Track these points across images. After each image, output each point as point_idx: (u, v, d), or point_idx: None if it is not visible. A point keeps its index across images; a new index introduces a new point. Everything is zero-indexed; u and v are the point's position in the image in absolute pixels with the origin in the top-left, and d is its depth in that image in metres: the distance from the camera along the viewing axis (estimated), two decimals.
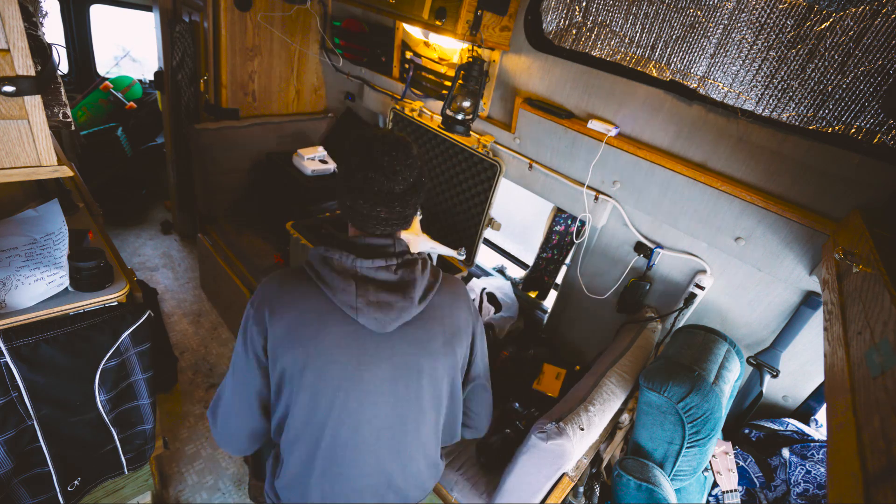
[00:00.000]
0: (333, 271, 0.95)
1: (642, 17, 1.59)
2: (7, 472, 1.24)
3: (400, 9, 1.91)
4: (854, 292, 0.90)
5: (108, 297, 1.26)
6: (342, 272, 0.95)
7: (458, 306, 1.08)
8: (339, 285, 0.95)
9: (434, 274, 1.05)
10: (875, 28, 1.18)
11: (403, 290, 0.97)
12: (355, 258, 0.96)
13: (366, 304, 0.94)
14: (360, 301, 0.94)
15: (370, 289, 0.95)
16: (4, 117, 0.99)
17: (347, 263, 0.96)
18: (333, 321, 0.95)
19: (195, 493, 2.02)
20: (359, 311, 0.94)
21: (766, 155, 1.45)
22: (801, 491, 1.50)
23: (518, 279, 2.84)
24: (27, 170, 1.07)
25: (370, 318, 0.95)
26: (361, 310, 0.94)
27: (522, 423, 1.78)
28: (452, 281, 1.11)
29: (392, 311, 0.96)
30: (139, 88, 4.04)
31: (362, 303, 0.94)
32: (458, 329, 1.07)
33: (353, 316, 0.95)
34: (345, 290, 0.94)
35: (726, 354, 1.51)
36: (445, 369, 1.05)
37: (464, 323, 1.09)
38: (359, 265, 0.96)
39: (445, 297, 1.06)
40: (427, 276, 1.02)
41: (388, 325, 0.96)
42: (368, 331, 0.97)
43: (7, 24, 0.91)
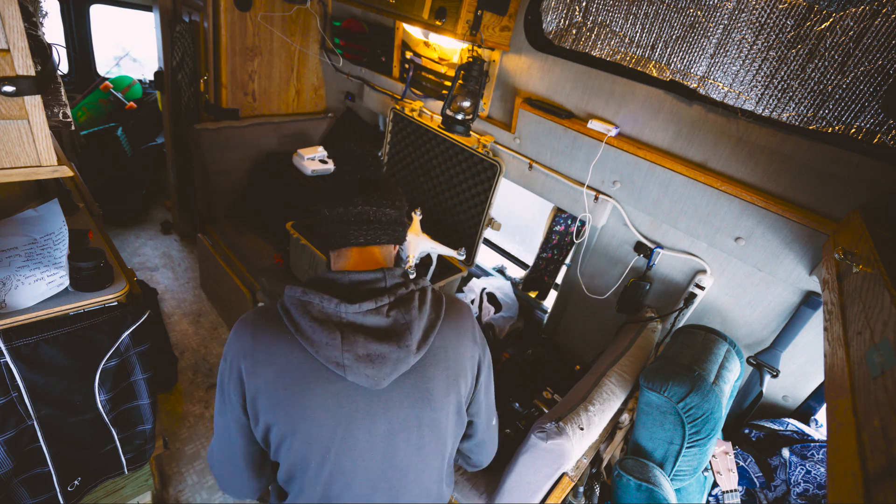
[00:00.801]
0: (314, 321, 0.81)
1: (642, 17, 1.59)
2: (7, 472, 1.24)
3: (400, 9, 1.91)
4: (854, 292, 0.90)
5: (108, 297, 1.26)
6: (324, 321, 0.81)
7: (462, 343, 0.94)
8: (322, 339, 0.80)
9: (436, 308, 0.91)
10: (875, 28, 1.18)
11: (398, 339, 0.83)
12: (339, 302, 0.82)
13: (354, 359, 0.81)
14: (346, 357, 0.80)
15: (359, 339, 0.81)
16: (4, 117, 0.99)
17: (330, 309, 0.82)
18: (317, 381, 0.82)
19: (195, 493, 2.02)
20: (346, 368, 0.81)
21: (766, 155, 1.45)
22: (801, 491, 1.50)
23: (518, 279, 2.84)
24: (27, 170, 1.07)
25: (360, 375, 0.81)
26: (350, 367, 0.81)
27: (522, 423, 1.78)
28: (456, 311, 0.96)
29: (385, 365, 0.82)
30: (139, 88, 4.04)
31: (350, 358, 0.80)
32: (462, 369, 0.94)
33: (339, 373, 0.81)
34: (329, 344, 0.80)
35: (726, 354, 1.51)
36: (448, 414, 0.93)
37: (468, 360, 0.96)
38: (343, 311, 0.82)
39: (448, 334, 0.92)
40: (426, 314, 0.88)
41: (382, 381, 0.83)
42: (359, 387, 0.84)
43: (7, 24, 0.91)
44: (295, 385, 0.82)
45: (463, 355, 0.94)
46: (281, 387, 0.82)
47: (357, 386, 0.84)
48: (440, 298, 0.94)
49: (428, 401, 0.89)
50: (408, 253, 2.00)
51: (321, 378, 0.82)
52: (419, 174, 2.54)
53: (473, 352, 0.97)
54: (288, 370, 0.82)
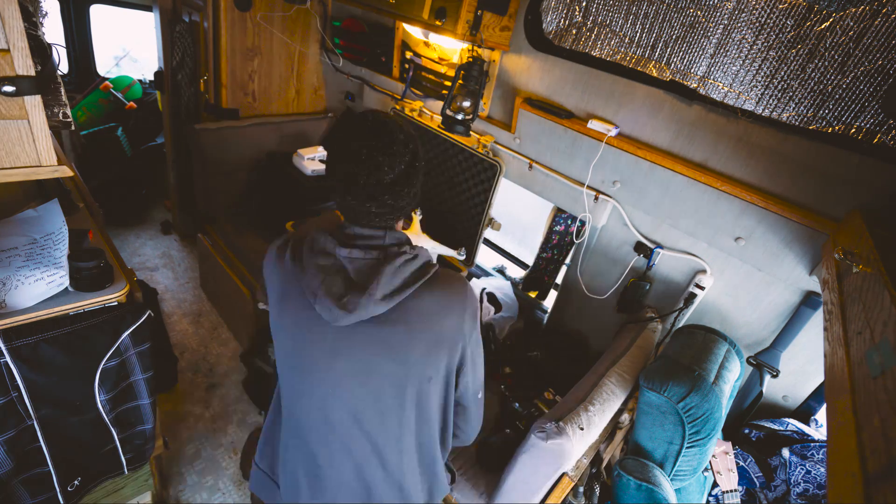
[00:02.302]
0: (312, 252, 0.94)
1: (642, 17, 1.59)
2: (7, 472, 1.24)
3: (400, 9, 1.91)
4: (854, 292, 0.90)
5: (108, 297, 1.26)
6: (319, 254, 0.93)
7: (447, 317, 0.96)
8: (311, 269, 0.92)
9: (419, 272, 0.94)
10: (875, 28, 1.18)
11: (364, 287, 0.90)
12: (336, 243, 0.92)
13: (325, 294, 0.90)
14: (321, 289, 0.90)
15: (336, 279, 0.91)
16: (4, 117, 0.99)
17: (328, 246, 0.93)
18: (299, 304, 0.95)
19: (195, 493, 2.02)
20: (317, 298, 0.90)
21: (766, 155, 1.45)
22: (801, 491, 1.50)
23: (518, 279, 2.84)
24: (27, 170, 1.07)
25: (325, 307, 0.90)
26: (320, 298, 0.90)
27: (522, 423, 1.78)
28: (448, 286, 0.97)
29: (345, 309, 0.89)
30: (139, 88, 4.04)
31: (322, 292, 0.90)
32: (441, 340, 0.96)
33: (311, 301, 0.91)
34: (314, 274, 0.91)
35: (726, 354, 1.51)
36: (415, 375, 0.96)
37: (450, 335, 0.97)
38: (337, 252, 0.92)
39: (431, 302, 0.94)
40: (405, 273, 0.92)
41: (340, 319, 0.89)
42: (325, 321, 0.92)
43: (7, 24, 0.91)
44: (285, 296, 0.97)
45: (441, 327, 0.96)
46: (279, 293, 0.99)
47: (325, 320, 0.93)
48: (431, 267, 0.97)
49: (390, 356, 0.94)
50: None
51: (301, 301, 0.94)
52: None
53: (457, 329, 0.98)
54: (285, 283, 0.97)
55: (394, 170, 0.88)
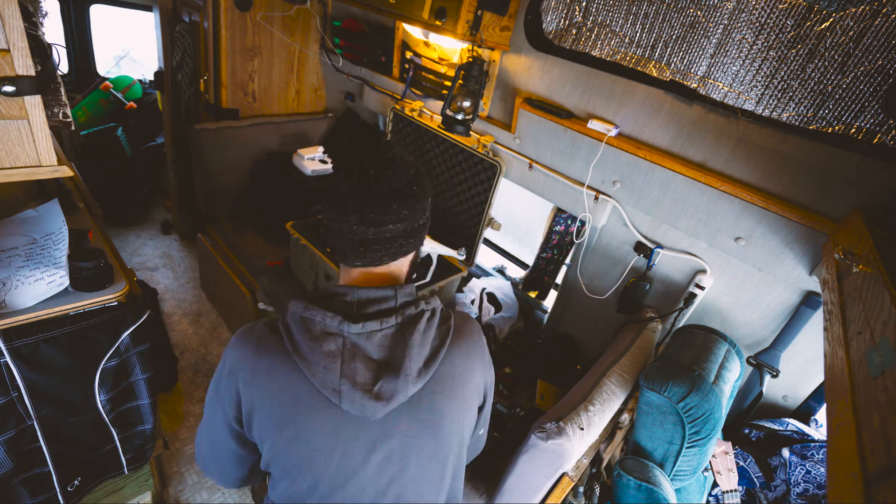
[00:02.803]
0: (314, 340, 0.77)
1: (642, 17, 1.59)
2: (7, 472, 1.24)
3: (400, 9, 1.91)
4: (854, 292, 0.90)
5: (108, 297, 1.26)
6: (323, 340, 0.77)
7: (471, 367, 0.89)
8: (319, 362, 0.76)
9: (441, 332, 0.85)
10: (875, 28, 1.18)
11: (398, 367, 0.78)
12: (342, 321, 0.77)
13: (351, 386, 0.76)
14: (344, 384, 0.76)
15: (358, 365, 0.77)
16: (4, 117, 0.99)
17: (332, 327, 0.77)
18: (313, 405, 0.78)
19: (195, 493, 2.02)
20: (343, 395, 0.76)
21: (766, 155, 1.45)
22: (801, 491, 1.50)
23: (518, 279, 2.84)
24: (27, 170, 1.07)
25: (356, 404, 0.76)
26: (346, 394, 0.76)
27: (510, 425, 1.78)
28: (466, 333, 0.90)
29: (382, 399, 0.77)
30: (139, 88, 4.04)
31: (347, 386, 0.76)
32: (470, 394, 0.89)
33: (335, 400, 0.76)
34: (326, 367, 0.76)
35: (726, 354, 1.51)
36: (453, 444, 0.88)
37: (476, 386, 0.90)
38: (346, 330, 0.77)
39: (456, 359, 0.86)
40: (430, 340, 0.82)
41: (378, 412, 0.77)
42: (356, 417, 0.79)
43: (7, 24, 0.91)
44: (291, 407, 0.78)
45: (471, 380, 0.89)
46: (278, 406, 0.78)
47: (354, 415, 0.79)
48: (448, 319, 0.88)
49: (432, 431, 0.84)
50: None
51: (318, 402, 0.78)
52: None
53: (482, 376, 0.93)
54: (286, 390, 0.78)
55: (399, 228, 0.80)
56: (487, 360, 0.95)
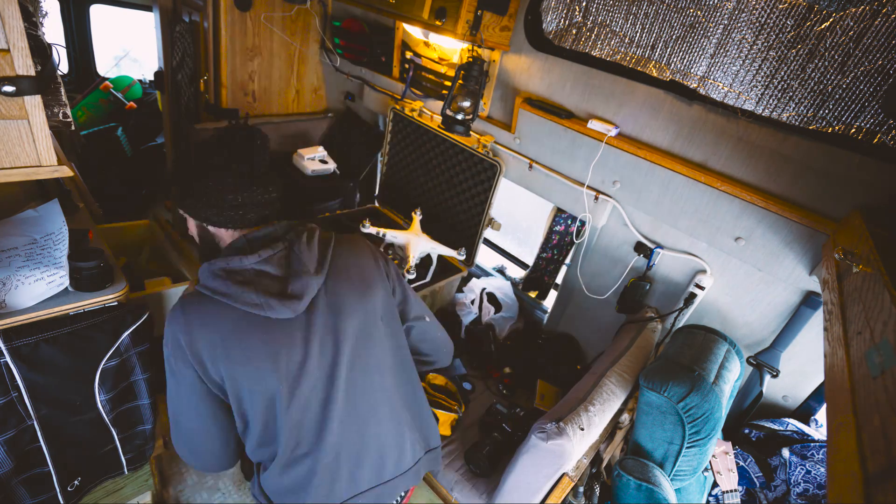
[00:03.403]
0: (227, 278, 0.94)
1: (642, 17, 1.59)
2: (7, 472, 1.24)
3: (400, 9, 1.91)
4: (854, 292, 0.90)
5: (108, 297, 1.26)
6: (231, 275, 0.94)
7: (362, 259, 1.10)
8: (235, 290, 0.92)
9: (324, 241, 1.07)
10: (875, 28, 1.18)
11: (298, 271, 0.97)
12: (241, 257, 0.95)
13: (267, 297, 0.93)
14: (261, 296, 0.92)
15: (266, 281, 0.95)
16: (4, 117, 0.99)
17: (234, 264, 0.95)
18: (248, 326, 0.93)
19: (195, 493, 2.02)
20: (265, 306, 0.92)
21: (766, 155, 1.45)
22: (801, 491, 1.50)
23: (518, 279, 2.84)
24: (27, 170, 1.07)
25: (279, 309, 0.93)
26: (266, 304, 0.93)
27: (509, 425, 1.78)
28: (348, 240, 1.13)
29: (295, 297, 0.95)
30: (139, 88, 4.04)
31: (263, 298, 0.93)
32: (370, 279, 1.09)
33: (260, 313, 0.93)
34: (242, 292, 0.92)
35: (726, 354, 1.51)
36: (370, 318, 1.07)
37: (373, 273, 1.11)
38: (247, 263, 0.95)
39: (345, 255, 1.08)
40: (315, 245, 1.03)
41: (299, 306, 0.95)
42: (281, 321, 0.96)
43: (7, 24, 0.91)
44: (230, 335, 0.92)
45: (366, 268, 1.10)
46: (219, 342, 0.92)
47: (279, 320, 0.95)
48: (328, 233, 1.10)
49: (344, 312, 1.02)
50: (408, 253, 2.00)
51: (248, 321, 0.93)
52: (419, 174, 2.53)
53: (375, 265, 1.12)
54: (220, 326, 0.92)
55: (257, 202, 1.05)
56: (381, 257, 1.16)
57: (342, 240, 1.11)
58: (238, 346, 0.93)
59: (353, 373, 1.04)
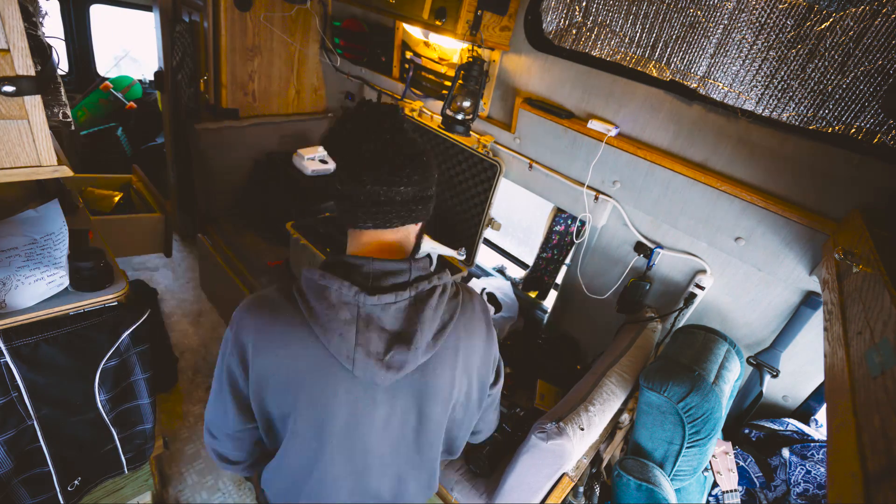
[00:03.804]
0: (330, 308, 0.79)
1: (642, 17, 1.59)
2: (7, 472, 1.24)
3: (400, 9, 1.91)
4: (854, 292, 0.90)
5: (108, 297, 1.26)
6: (340, 309, 0.79)
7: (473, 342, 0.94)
8: (335, 329, 0.79)
9: (451, 307, 0.88)
10: (875, 28, 1.18)
11: (409, 340, 0.82)
12: (358, 291, 0.79)
13: (365, 355, 0.80)
14: (358, 352, 0.79)
15: (372, 335, 0.80)
16: (4, 117, 0.99)
17: (348, 298, 0.79)
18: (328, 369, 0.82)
19: (195, 493, 2.02)
20: (356, 363, 0.80)
21: (766, 155, 1.45)
22: (801, 491, 1.50)
23: (518, 279, 2.84)
24: (27, 170, 1.07)
25: (368, 371, 0.81)
26: (358, 362, 0.80)
27: (509, 426, 1.78)
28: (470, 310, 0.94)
29: (392, 369, 0.81)
30: (139, 88, 4.04)
31: (361, 354, 0.79)
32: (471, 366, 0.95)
33: (348, 367, 0.81)
34: (342, 335, 0.79)
35: (726, 354, 1.51)
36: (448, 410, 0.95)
37: (479, 360, 0.97)
38: (361, 302, 0.79)
39: (461, 332, 0.91)
40: (440, 315, 0.86)
41: (388, 380, 0.82)
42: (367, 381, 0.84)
43: (7, 24, 0.91)
44: (307, 371, 0.81)
45: (473, 353, 0.95)
46: (294, 370, 0.81)
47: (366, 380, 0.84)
48: (457, 295, 0.91)
49: (431, 396, 0.89)
50: None
51: (332, 366, 0.82)
52: None
53: (485, 351, 0.98)
54: (302, 355, 0.81)
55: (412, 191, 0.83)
56: (492, 336, 0.99)
57: (465, 308, 0.92)
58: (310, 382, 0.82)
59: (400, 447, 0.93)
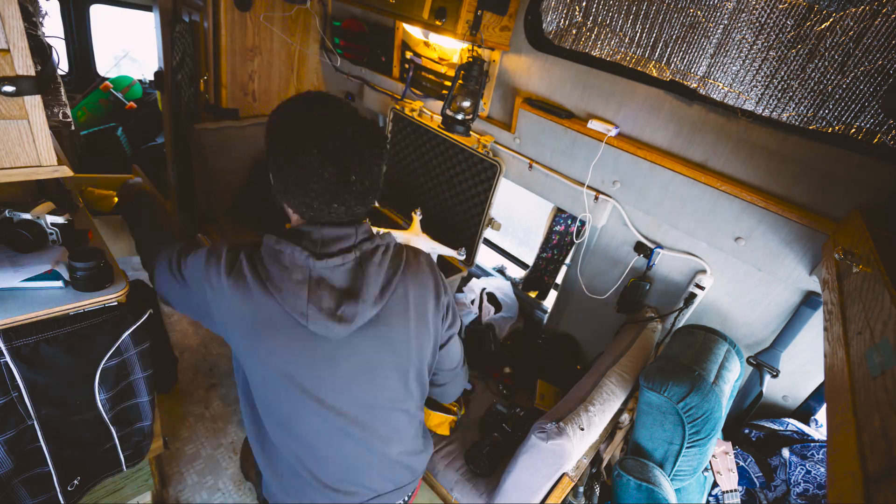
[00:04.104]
0: (284, 269, 0.87)
1: (642, 17, 1.59)
2: (7, 472, 1.24)
3: (400, 9, 1.91)
4: (854, 292, 0.90)
5: (108, 297, 1.26)
6: (293, 271, 0.87)
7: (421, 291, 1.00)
8: (289, 289, 0.86)
9: (394, 263, 0.96)
10: (875, 28, 1.18)
11: (358, 293, 0.89)
12: (308, 255, 0.87)
13: (318, 311, 0.86)
14: (311, 309, 0.86)
15: (324, 293, 0.87)
16: (4, 117, 0.99)
17: (300, 261, 0.87)
18: (284, 326, 0.88)
19: (195, 493, 2.02)
20: (309, 318, 0.86)
21: (766, 155, 1.45)
22: (801, 491, 1.50)
23: (518, 279, 2.84)
24: (27, 170, 1.07)
25: (322, 326, 0.87)
26: (312, 318, 0.86)
27: (509, 426, 1.78)
28: (416, 264, 1.01)
29: (344, 321, 0.88)
30: (139, 88, 4.04)
31: (314, 310, 0.86)
32: (424, 317, 1.01)
33: (302, 322, 0.87)
34: (296, 294, 0.86)
35: (726, 354, 1.51)
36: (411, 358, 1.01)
37: (431, 312, 1.02)
38: (311, 265, 0.87)
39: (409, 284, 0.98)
40: (385, 269, 0.94)
41: (342, 332, 0.89)
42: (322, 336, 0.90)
43: (7, 24, 0.91)
44: (263, 326, 0.88)
45: (425, 302, 1.01)
46: (250, 324, 0.88)
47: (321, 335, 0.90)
48: (400, 253, 0.99)
49: (390, 346, 0.96)
50: None
51: (287, 323, 0.88)
52: (419, 174, 2.53)
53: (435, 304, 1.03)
54: (259, 311, 0.88)
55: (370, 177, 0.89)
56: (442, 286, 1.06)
57: (411, 263, 1.00)
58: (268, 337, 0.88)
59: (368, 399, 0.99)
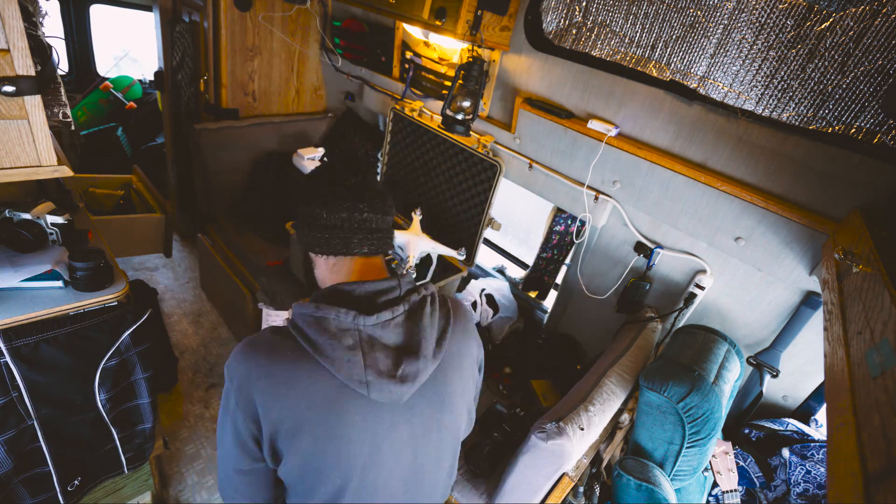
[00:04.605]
0: (333, 338, 0.78)
1: (642, 17, 1.59)
2: (7, 472, 1.24)
3: (400, 9, 1.91)
4: (854, 292, 0.90)
5: (108, 297, 1.26)
6: (342, 337, 0.78)
7: (469, 345, 0.96)
8: (342, 357, 0.78)
9: (444, 314, 0.90)
10: (875, 28, 1.18)
11: (416, 350, 0.82)
12: (356, 315, 0.79)
13: (377, 375, 0.79)
14: (369, 374, 0.78)
15: (379, 355, 0.80)
16: (4, 117, 0.99)
17: (347, 323, 0.79)
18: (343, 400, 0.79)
19: (195, 493, 2.02)
20: (370, 385, 0.79)
21: (766, 155, 1.45)
22: (801, 491, 1.50)
23: (518, 279, 2.84)
24: (27, 170, 1.07)
25: (384, 391, 0.79)
26: (373, 384, 0.79)
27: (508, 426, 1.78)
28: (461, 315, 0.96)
29: (407, 382, 0.81)
30: (139, 88, 4.04)
31: (373, 375, 0.78)
32: (472, 370, 0.97)
33: (363, 392, 0.79)
34: (350, 361, 0.78)
35: (726, 354, 1.51)
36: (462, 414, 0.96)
37: (475, 361, 0.99)
38: (361, 324, 0.79)
39: (458, 338, 0.93)
40: (437, 321, 0.88)
41: (405, 395, 0.82)
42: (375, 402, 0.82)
43: (7, 24, 0.91)
44: (321, 407, 0.78)
45: (471, 356, 0.97)
46: (305, 409, 0.78)
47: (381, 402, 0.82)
48: (445, 302, 0.93)
49: (447, 404, 0.90)
50: (408, 253, 2.00)
51: (346, 396, 0.79)
52: (419, 174, 2.53)
53: (478, 353, 1.01)
54: (312, 392, 0.78)
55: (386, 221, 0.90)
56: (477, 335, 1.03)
57: (458, 313, 0.95)
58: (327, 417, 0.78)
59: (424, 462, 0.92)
